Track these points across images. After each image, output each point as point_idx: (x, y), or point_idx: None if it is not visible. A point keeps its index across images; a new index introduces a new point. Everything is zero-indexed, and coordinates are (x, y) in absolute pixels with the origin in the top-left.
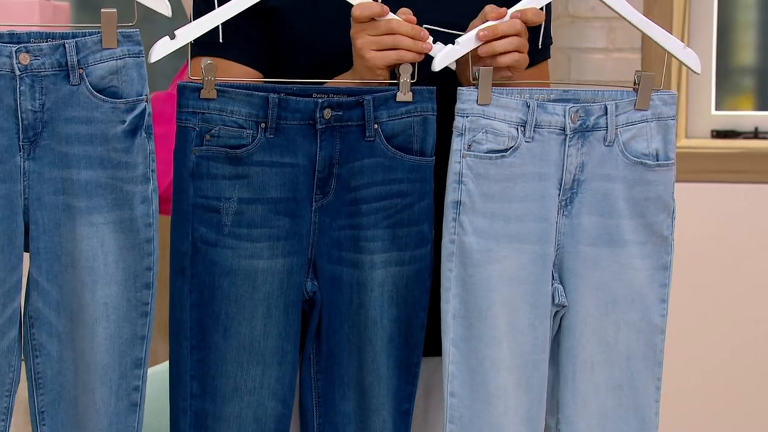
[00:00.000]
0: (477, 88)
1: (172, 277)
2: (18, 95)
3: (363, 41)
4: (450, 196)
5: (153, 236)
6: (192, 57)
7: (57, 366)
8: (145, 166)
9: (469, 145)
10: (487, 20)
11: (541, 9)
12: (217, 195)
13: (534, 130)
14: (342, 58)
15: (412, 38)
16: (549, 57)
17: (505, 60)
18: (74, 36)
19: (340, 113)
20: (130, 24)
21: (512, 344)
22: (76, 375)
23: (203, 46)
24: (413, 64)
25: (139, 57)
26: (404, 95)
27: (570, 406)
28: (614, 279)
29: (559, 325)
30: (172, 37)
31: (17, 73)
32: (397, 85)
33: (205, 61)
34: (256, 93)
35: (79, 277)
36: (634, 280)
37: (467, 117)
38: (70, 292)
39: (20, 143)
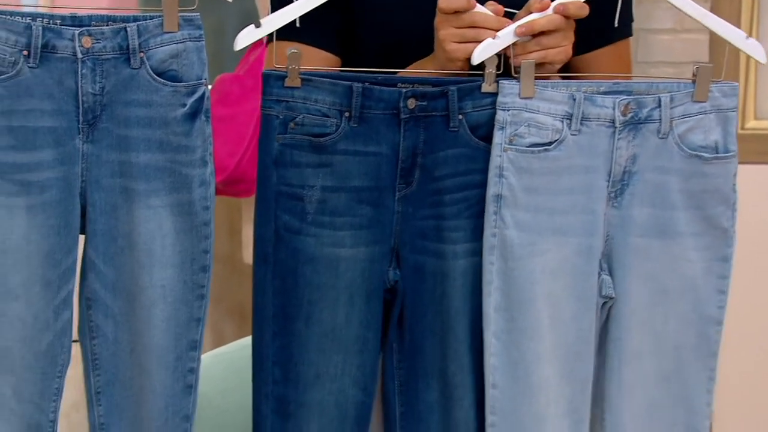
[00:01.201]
0: (519, 81)
1: (255, 264)
2: (79, 78)
3: (446, 33)
4: (491, 190)
5: (210, 219)
6: (270, 42)
7: (112, 347)
8: (204, 150)
9: (511, 139)
10: (531, 12)
11: (586, 1)
12: (300, 183)
13: (581, 123)
14: (420, 43)
15: (496, 31)
16: (629, 35)
17: (534, 56)
18: (135, 19)
19: (424, 103)
20: (191, 8)
21: (555, 336)
22: (131, 356)
23: (281, 31)
24: (499, 56)
25: (199, 41)
26: (489, 86)
27: (615, 396)
28: (665, 270)
29: (607, 316)
30: (258, 25)
31: (79, 56)
32: (482, 75)
33: (290, 49)
34: (340, 82)
35: (136, 259)
36: (687, 272)
37: (508, 111)
38: (126, 274)
39: (80, 126)
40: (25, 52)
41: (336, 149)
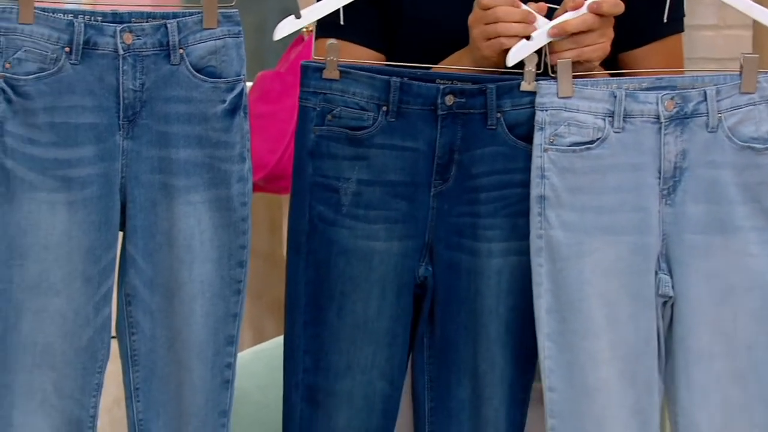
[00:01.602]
0: (556, 81)
1: (288, 253)
2: (120, 74)
3: (477, 31)
4: (534, 191)
5: (247, 215)
6: (315, 39)
7: (150, 343)
8: (242, 146)
9: (551, 139)
10: (567, 10)
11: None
12: (336, 175)
13: (624, 120)
14: (461, 40)
15: (520, 23)
16: (680, 31)
17: (570, 55)
18: (175, 16)
19: (462, 100)
20: (231, 4)
21: (612, 336)
22: (169, 352)
23: (325, 27)
24: (539, 54)
25: (238, 37)
26: (528, 85)
27: (685, 397)
28: (728, 267)
29: (671, 316)
30: (298, 16)
31: (120, 52)
32: (522, 74)
33: (329, 41)
34: (379, 76)
35: (176, 255)
36: (751, 267)
37: (547, 111)
38: (165, 270)
39: (120, 122)
40: (67, 49)
41: (372, 143)
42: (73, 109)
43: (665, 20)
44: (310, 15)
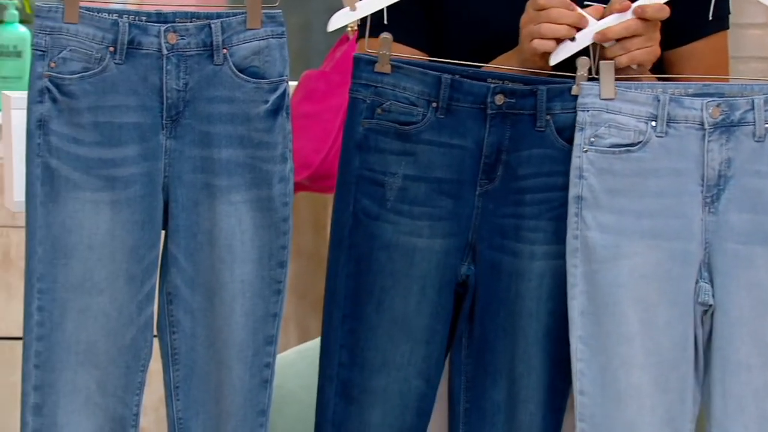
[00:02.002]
0: (599, 82)
1: (330, 246)
2: (164, 74)
3: (526, 31)
4: (572, 191)
5: (288, 215)
6: (360, 39)
7: (190, 342)
8: (284, 146)
9: (591, 140)
10: (612, 11)
11: (667, 3)
12: (382, 169)
13: (667, 125)
14: (511, 40)
15: (571, 26)
16: (725, 28)
17: (621, 60)
18: (219, 16)
19: (512, 100)
20: (275, 5)
21: (647, 342)
22: (208, 351)
23: (370, 27)
24: (591, 57)
25: (281, 38)
26: (579, 89)
27: (720, 409)
28: None
29: (711, 326)
30: (353, 8)
31: (164, 52)
32: (574, 77)
33: (383, 34)
34: (430, 72)
35: (217, 255)
36: None
37: (588, 111)
38: (205, 269)
39: (163, 122)
40: (112, 49)
41: (420, 138)
42: (117, 108)
43: (710, 18)
44: (366, 7)
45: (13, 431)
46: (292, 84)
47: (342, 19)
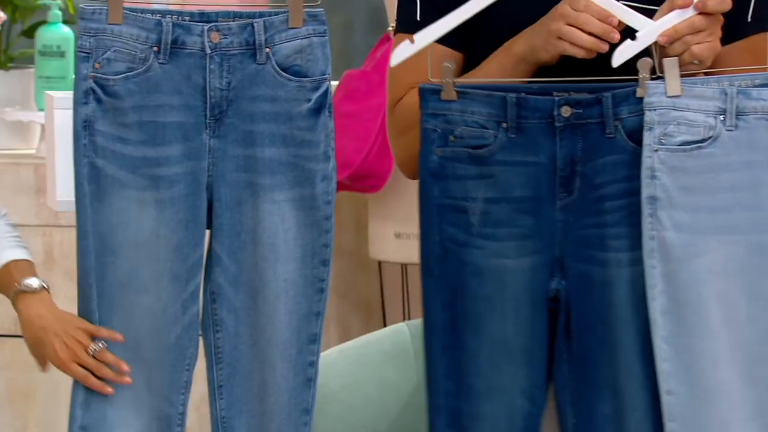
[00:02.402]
0: (664, 80)
1: (422, 277)
2: (207, 73)
3: (555, 26)
4: (644, 192)
5: (331, 214)
6: (395, 34)
7: (234, 341)
8: (326, 145)
9: (661, 139)
10: (674, 7)
11: None
12: (463, 195)
13: (737, 118)
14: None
15: (594, 39)
16: (765, 30)
17: (685, 57)
18: (261, 15)
19: (579, 111)
20: (316, 3)
21: (731, 337)
22: (252, 350)
23: (404, 23)
24: (652, 58)
25: (323, 36)
26: (643, 91)
27: None
28: None
29: None
30: (412, 41)
31: (207, 51)
32: (636, 80)
33: (444, 63)
34: (495, 93)
35: (260, 253)
36: None
37: (655, 110)
38: (249, 268)
39: (206, 121)
40: (155, 49)
41: (495, 160)
42: (161, 108)
43: (749, 19)
44: (423, 39)
45: (56, 427)
46: (334, 83)
47: (403, 53)
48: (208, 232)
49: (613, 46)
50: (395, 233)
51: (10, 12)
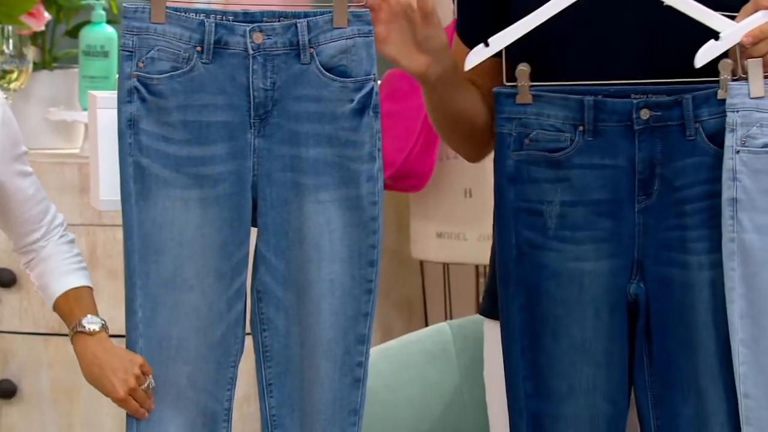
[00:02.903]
0: (747, 81)
1: (499, 280)
2: (250, 74)
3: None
4: (725, 194)
5: (378, 214)
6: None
7: (284, 340)
8: (372, 145)
9: (743, 141)
10: (760, 8)
11: None
12: (539, 198)
13: None
14: (577, 39)
15: None
16: None
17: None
18: (306, 15)
19: (658, 113)
20: (361, 3)
21: None
22: (301, 349)
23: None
24: (735, 60)
25: (368, 36)
26: (725, 93)
27: None
28: None
29: None
30: (486, 45)
31: (250, 52)
32: (717, 82)
33: (520, 66)
34: (572, 96)
35: (306, 253)
36: None
37: (738, 112)
38: (297, 267)
39: (251, 120)
40: (199, 48)
41: (572, 163)
42: (205, 107)
43: None
44: (498, 42)
45: (99, 425)
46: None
47: (477, 57)
48: (254, 230)
49: (696, 48)
50: (437, 233)
51: (54, 12)
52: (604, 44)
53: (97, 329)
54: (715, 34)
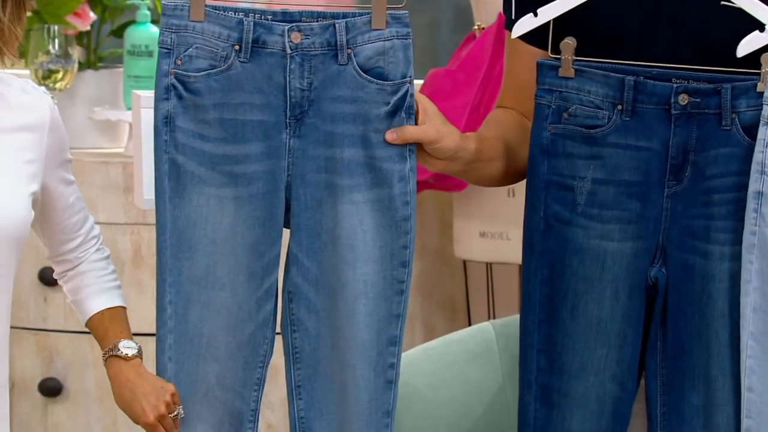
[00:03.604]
0: None
1: (524, 252)
2: (288, 73)
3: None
4: (752, 186)
5: (410, 215)
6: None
7: (314, 342)
8: (402, 145)
9: None
10: None
11: None
12: (571, 173)
13: None
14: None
15: None
16: None
17: None
18: (344, 16)
19: (697, 100)
20: (400, 5)
21: None
22: (332, 351)
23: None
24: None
25: (406, 39)
26: (764, 86)
27: None
28: None
29: None
30: (535, 15)
31: (288, 51)
32: (758, 74)
33: (566, 39)
34: (613, 74)
35: (339, 254)
36: None
37: None
38: (329, 269)
39: (287, 120)
40: (237, 47)
41: (607, 142)
42: (241, 106)
43: None
44: (547, 12)
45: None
46: (419, 82)
47: (525, 25)
48: (286, 231)
49: (739, 36)
50: (480, 232)
51: (99, 12)
52: (651, 26)
53: (133, 354)
54: (761, 26)
